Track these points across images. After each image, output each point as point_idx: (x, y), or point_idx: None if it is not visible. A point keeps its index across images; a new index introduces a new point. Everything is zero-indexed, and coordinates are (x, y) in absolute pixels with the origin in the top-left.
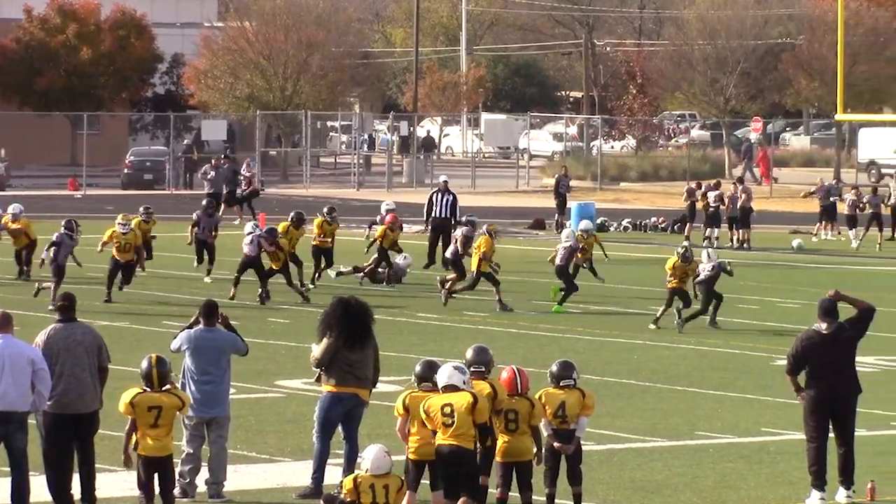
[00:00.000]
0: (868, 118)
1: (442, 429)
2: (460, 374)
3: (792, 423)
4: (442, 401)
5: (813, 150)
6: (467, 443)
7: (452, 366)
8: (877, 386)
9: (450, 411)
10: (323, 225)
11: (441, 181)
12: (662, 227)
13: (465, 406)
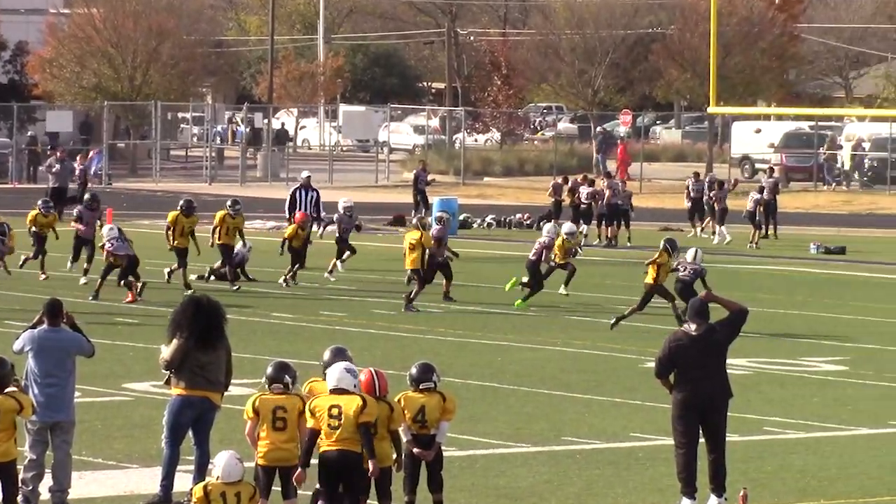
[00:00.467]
0: (741, 111)
1: (327, 432)
2: (351, 377)
3: (661, 427)
4: (330, 402)
5: (684, 145)
6: (355, 447)
7: (344, 368)
8: (749, 389)
9: (337, 413)
10: (226, 219)
11: (304, 177)
12: (527, 223)
13: (355, 410)
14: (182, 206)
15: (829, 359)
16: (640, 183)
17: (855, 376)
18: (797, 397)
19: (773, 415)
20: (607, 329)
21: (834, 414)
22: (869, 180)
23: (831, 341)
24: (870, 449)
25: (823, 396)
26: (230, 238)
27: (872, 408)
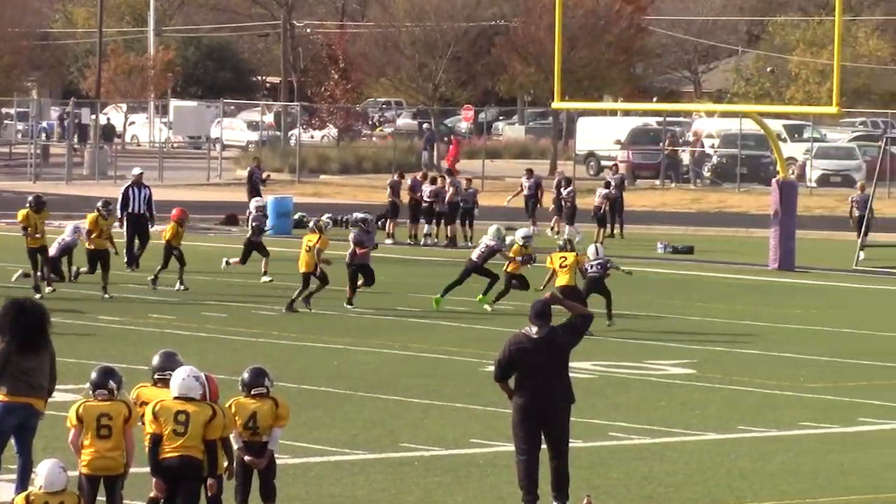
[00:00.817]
0: (587, 106)
1: (171, 437)
2: (198, 384)
3: (502, 433)
4: (177, 407)
5: (528, 141)
6: (197, 454)
7: (191, 375)
8: (594, 393)
9: (184, 420)
10: (98, 221)
11: (135, 174)
12: None
13: (204, 420)
14: (31, 203)
15: (676, 361)
16: (483, 181)
17: (702, 379)
18: (643, 401)
19: (618, 420)
20: (447, 331)
21: (681, 418)
22: (717, 178)
23: (678, 343)
24: (717, 454)
25: (670, 400)
26: (101, 243)
27: (720, 412)
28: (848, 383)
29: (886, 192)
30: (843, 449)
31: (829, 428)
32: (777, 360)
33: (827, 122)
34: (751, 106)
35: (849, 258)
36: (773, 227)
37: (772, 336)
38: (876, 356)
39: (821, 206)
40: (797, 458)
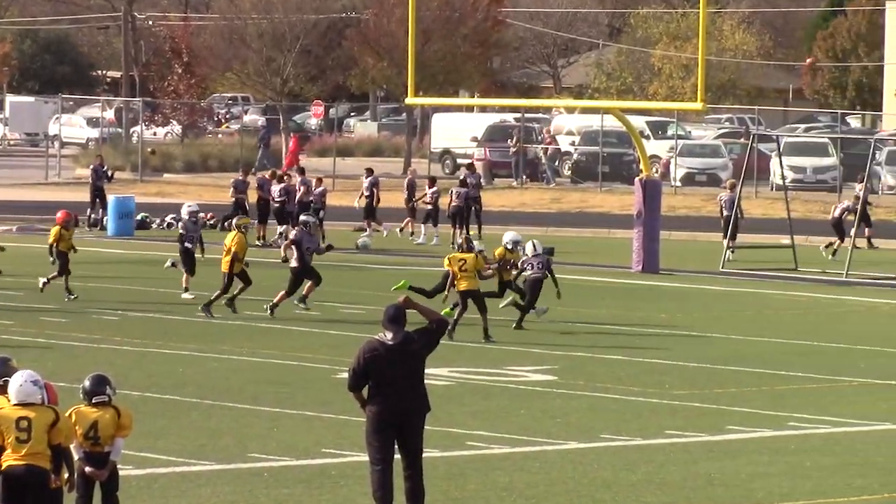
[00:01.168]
0: (442, 102)
1: (14, 445)
2: (38, 388)
3: (355, 443)
4: (17, 413)
5: (381, 138)
6: (43, 462)
7: (29, 380)
8: (451, 401)
9: (27, 426)
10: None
11: None
12: (211, 223)
13: (46, 424)
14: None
15: (537, 368)
16: (334, 180)
17: (564, 386)
18: (503, 409)
19: (476, 428)
20: (298, 337)
21: (542, 427)
22: (578, 176)
23: (539, 349)
24: (580, 464)
25: (531, 408)
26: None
27: (582, 420)
28: (715, 390)
29: (754, 192)
30: (710, 458)
31: (696, 436)
32: (642, 366)
33: (692, 119)
34: (613, 102)
35: (715, 260)
36: (637, 227)
37: (636, 341)
38: (744, 361)
39: (686, 206)
40: (662, 468)
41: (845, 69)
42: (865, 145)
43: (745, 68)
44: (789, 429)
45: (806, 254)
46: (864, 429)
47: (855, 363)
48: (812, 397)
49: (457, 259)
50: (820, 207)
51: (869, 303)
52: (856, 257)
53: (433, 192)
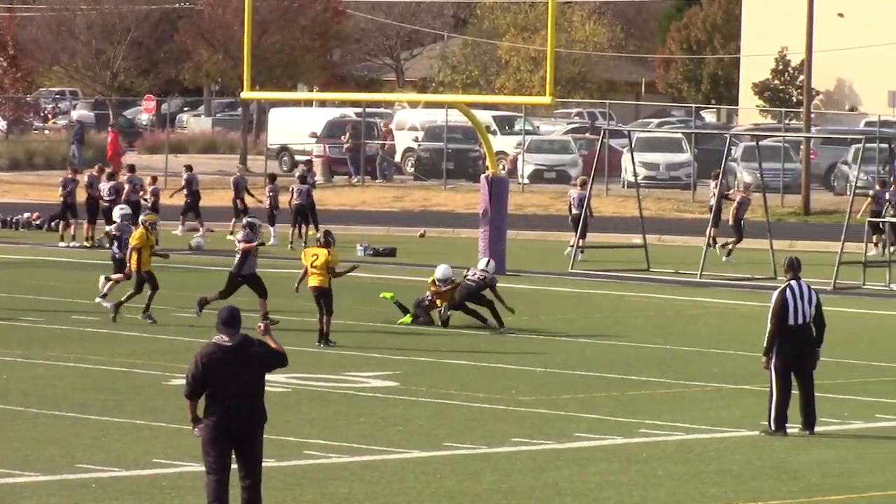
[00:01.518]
0: (279, 97)
1: None
2: None
3: (187, 452)
4: None
5: (216, 134)
6: None
7: None
8: (289, 408)
9: None
10: None
11: None
12: (37, 223)
13: None
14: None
15: (378, 373)
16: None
17: (406, 392)
18: (341, 416)
19: (314, 437)
20: (128, 342)
21: (383, 435)
22: (421, 174)
23: (380, 353)
24: (422, 473)
25: (371, 416)
26: None
27: (425, 427)
28: (563, 396)
29: (605, 189)
30: (558, 466)
31: (543, 444)
32: (487, 372)
33: (540, 114)
34: (458, 96)
35: (565, 260)
36: (483, 227)
37: (481, 345)
38: (594, 366)
39: (534, 204)
40: (509, 478)
41: (700, 62)
42: (721, 141)
43: (596, 61)
44: (640, 436)
45: (659, 253)
46: (717, 436)
47: (709, 368)
48: (664, 403)
49: (310, 254)
50: (673, 206)
51: (724, 304)
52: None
53: (270, 189)
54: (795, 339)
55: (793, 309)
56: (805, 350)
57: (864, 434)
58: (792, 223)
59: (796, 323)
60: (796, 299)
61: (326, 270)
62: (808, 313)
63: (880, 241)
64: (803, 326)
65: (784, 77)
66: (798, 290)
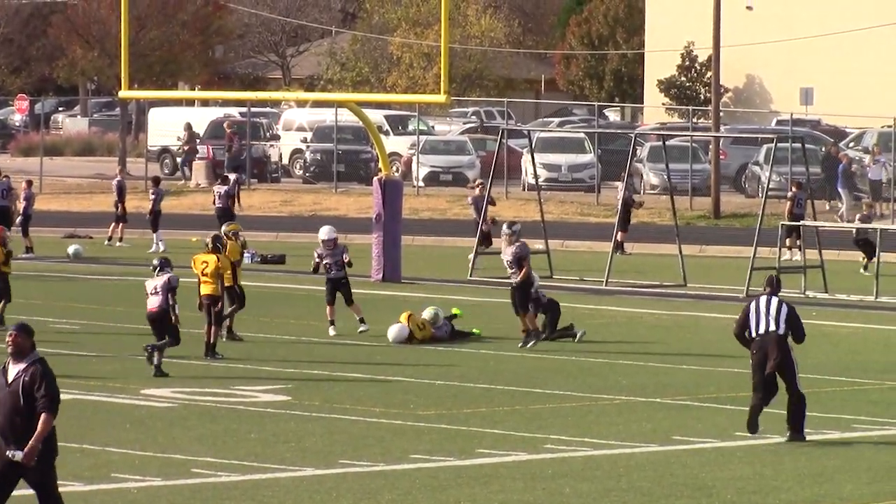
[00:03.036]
0: (159, 95)
1: None
2: None
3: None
4: None
5: (93, 135)
6: None
7: None
8: (174, 424)
9: None
10: None
11: None
12: None
13: None
14: None
15: (269, 387)
16: (41, 181)
17: (299, 407)
18: (231, 433)
19: (202, 454)
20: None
21: (274, 452)
22: (313, 176)
23: (270, 367)
24: (317, 492)
25: (262, 431)
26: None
27: (319, 444)
28: (464, 410)
29: (504, 192)
30: (460, 484)
31: (444, 461)
32: (383, 385)
33: (435, 113)
34: (347, 94)
35: (463, 267)
36: (376, 232)
37: (377, 357)
38: (496, 378)
39: (429, 208)
40: (408, 496)
41: (602, 57)
42: (625, 141)
43: (493, 57)
44: (546, 452)
45: (562, 259)
46: (626, 451)
47: (616, 379)
48: (571, 417)
49: (200, 261)
50: (576, 209)
51: (631, 313)
52: (619, 264)
53: (154, 192)
54: (758, 349)
55: (752, 322)
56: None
57: (780, 448)
58: (701, 227)
59: (758, 333)
60: (759, 313)
61: (218, 278)
62: (772, 324)
63: (794, 245)
64: (764, 338)
65: (691, 73)
66: (765, 305)
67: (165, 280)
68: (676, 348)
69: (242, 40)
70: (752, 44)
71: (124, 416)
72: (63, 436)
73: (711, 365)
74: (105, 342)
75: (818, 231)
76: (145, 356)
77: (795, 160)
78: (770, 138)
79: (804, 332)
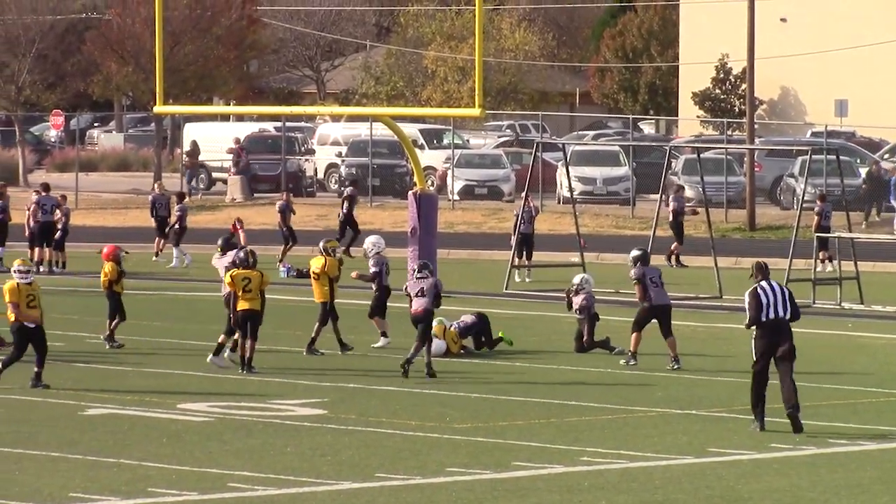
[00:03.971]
0: (194, 111)
1: None
2: None
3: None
4: None
5: (128, 150)
6: None
7: None
8: (211, 438)
9: None
10: None
11: None
12: None
13: None
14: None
15: (305, 401)
16: (77, 197)
17: (335, 421)
18: (267, 447)
19: (239, 468)
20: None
21: (311, 466)
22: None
23: (307, 380)
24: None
25: (299, 445)
26: None
27: (355, 457)
28: (500, 423)
29: (540, 205)
30: (496, 497)
31: (480, 474)
32: (419, 398)
33: (470, 126)
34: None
35: (499, 280)
36: (411, 245)
37: (411, 370)
38: (532, 391)
39: (465, 222)
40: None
41: (636, 70)
42: (660, 153)
43: (527, 70)
44: (582, 464)
45: (598, 272)
46: (662, 463)
47: (652, 392)
48: (607, 430)
49: (241, 277)
50: (612, 222)
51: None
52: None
53: (179, 209)
54: (769, 333)
55: (765, 305)
56: (778, 342)
57: (816, 460)
58: (737, 239)
59: (768, 318)
60: (769, 296)
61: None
62: (780, 309)
63: (825, 258)
64: (777, 321)
65: (725, 86)
66: (770, 288)
67: (432, 283)
68: (712, 360)
69: (277, 55)
70: (787, 56)
71: (161, 431)
72: (99, 450)
73: (747, 377)
74: (141, 357)
75: (853, 242)
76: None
77: (830, 172)
78: (805, 150)
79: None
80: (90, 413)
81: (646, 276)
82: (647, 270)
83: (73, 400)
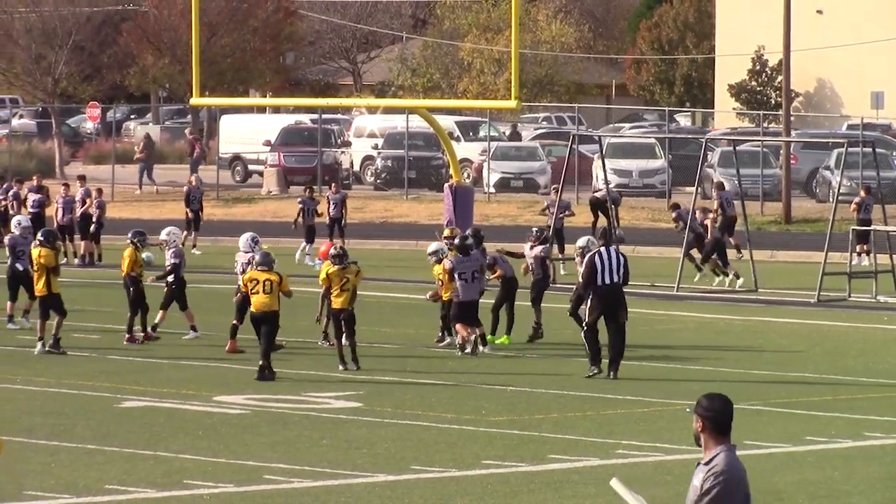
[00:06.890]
0: (230, 102)
1: None
2: None
3: (142, 478)
4: None
5: (164, 142)
6: None
7: None
8: (247, 431)
9: None
10: None
11: None
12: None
13: None
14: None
15: (340, 394)
16: (113, 189)
17: (370, 413)
18: (303, 439)
19: (275, 461)
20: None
21: (346, 458)
22: (383, 183)
23: (342, 373)
24: (389, 498)
25: (334, 438)
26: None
27: (391, 450)
28: (536, 416)
29: (575, 198)
30: (532, 490)
31: (516, 466)
32: (455, 391)
33: (506, 118)
34: (418, 101)
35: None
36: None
37: (448, 364)
38: (566, 384)
39: (501, 214)
40: (480, 501)
41: (672, 62)
42: (696, 146)
43: (564, 62)
44: (617, 457)
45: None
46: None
47: (688, 385)
48: (642, 423)
49: (263, 278)
50: (647, 214)
51: (701, 318)
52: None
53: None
54: (605, 297)
55: (601, 270)
56: (613, 305)
57: (852, 453)
58: (773, 232)
59: (604, 283)
60: (604, 262)
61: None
62: (615, 275)
63: (863, 251)
64: (612, 286)
65: (761, 78)
66: (607, 255)
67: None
68: (748, 353)
69: (313, 47)
70: (823, 48)
71: (197, 423)
72: (136, 443)
73: (783, 370)
74: (176, 349)
75: (889, 235)
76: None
77: (866, 164)
78: (841, 143)
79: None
80: (126, 405)
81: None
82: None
83: (109, 392)
